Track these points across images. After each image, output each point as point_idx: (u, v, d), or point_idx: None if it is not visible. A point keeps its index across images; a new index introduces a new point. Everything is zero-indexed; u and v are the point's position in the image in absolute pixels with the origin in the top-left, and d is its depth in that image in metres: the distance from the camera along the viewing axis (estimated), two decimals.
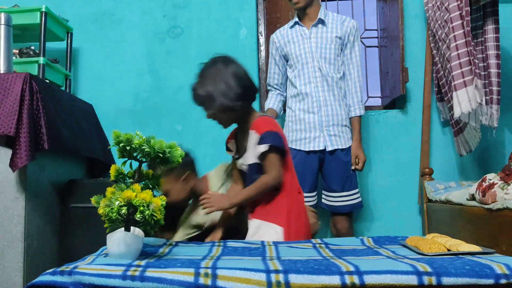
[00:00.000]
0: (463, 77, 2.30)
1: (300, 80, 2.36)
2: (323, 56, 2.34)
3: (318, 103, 2.32)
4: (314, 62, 2.34)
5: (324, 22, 2.38)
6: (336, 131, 2.32)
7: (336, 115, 2.33)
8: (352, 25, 2.39)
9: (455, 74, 2.32)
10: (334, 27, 2.37)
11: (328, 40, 2.35)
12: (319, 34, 2.37)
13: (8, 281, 2.00)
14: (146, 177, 1.25)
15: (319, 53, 2.34)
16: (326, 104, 2.32)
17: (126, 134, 1.17)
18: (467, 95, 2.29)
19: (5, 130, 1.97)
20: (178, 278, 0.96)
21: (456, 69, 2.32)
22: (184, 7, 3.03)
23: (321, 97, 2.33)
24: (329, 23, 2.38)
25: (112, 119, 2.96)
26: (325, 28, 2.38)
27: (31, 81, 2.06)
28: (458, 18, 2.33)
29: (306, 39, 2.38)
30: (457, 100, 2.32)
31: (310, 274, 0.97)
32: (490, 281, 0.96)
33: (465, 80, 2.30)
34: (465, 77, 2.30)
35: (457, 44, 2.33)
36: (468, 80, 2.29)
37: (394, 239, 1.49)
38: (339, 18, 2.41)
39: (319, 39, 2.36)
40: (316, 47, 2.35)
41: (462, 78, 2.31)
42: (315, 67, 2.34)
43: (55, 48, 2.95)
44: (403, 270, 0.98)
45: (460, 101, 2.31)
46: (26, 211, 2.06)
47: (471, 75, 2.29)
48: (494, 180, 1.75)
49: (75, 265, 1.03)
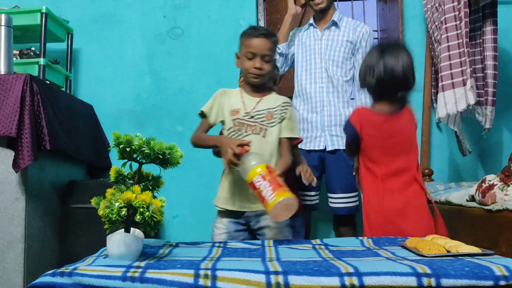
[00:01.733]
0: (452, 79, 2.31)
1: (306, 80, 2.38)
2: (331, 58, 2.35)
3: (322, 103, 2.33)
4: (322, 63, 2.36)
5: (338, 25, 2.39)
6: (338, 131, 2.31)
7: (339, 116, 2.33)
8: (365, 30, 2.39)
9: (444, 75, 2.33)
10: (347, 31, 2.38)
11: (339, 43, 2.36)
12: (331, 36, 2.38)
13: (8, 282, 2.01)
14: (146, 178, 1.25)
15: (328, 55, 2.36)
16: (329, 104, 2.32)
17: (126, 135, 1.17)
18: (454, 96, 2.29)
19: (6, 131, 1.97)
20: (178, 279, 0.96)
21: (446, 70, 2.33)
22: (184, 8, 3.04)
23: (325, 97, 2.33)
24: (342, 27, 2.39)
25: (112, 120, 2.96)
26: (338, 31, 2.39)
27: (32, 82, 2.07)
28: (453, 20, 2.33)
29: (318, 40, 2.40)
30: (443, 101, 2.33)
31: (310, 275, 0.97)
32: (489, 282, 0.96)
33: (453, 81, 2.30)
34: (454, 78, 2.30)
35: (449, 45, 2.34)
36: (457, 82, 2.29)
37: (393, 240, 1.49)
38: (352, 22, 2.42)
39: (330, 42, 2.38)
40: (326, 49, 2.37)
41: (450, 80, 2.31)
42: (322, 68, 2.35)
43: (56, 49, 2.95)
44: (403, 272, 0.98)
45: (446, 102, 2.32)
46: (26, 212, 2.06)
47: (460, 77, 2.28)
48: (493, 181, 1.75)
49: (75, 266, 1.03)
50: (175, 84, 2.99)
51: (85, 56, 3.07)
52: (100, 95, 3.00)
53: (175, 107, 2.97)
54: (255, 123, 1.74)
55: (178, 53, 3.01)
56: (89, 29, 3.07)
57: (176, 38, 3.03)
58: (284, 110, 1.77)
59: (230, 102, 1.78)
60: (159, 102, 2.99)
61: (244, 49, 1.75)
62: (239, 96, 1.79)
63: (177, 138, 2.90)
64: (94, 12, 3.08)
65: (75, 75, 3.05)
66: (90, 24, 3.07)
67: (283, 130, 1.75)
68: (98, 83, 3.04)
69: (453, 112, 2.30)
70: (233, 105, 1.77)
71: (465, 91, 2.25)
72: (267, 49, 1.72)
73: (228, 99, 1.79)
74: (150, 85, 3.01)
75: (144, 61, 3.03)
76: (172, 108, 2.97)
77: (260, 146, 1.70)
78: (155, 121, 2.98)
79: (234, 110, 1.76)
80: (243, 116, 1.74)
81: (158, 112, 2.98)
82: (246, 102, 1.77)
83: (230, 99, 1.79)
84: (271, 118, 1.75)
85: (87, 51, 3.07)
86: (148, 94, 3.01)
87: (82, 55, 3.07)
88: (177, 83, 2.99)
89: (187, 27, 3.02)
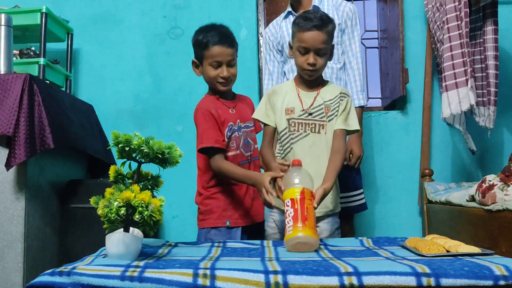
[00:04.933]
0: (455, 79, 2.30)
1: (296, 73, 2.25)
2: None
3: None
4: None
5: (319, 9, 2.15)
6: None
7: None
8: (348, 8, 2.19)
9: (447, 75, 2.33)
10: (331, 14, 2.13)
11: None
12: None
13: (7, 282, 2.01)
14: (145, 178, 1.25)
15: None
16: None
17: (125, 135, 1.17)
18: (457, 96, 2.29)
19: (4, 130, 1.97)
20: (177, 279, 0.96)
21: (449, 70, 2.33)
22: (184, 8, 3.04)
23: None
24: (324, 10, 2.14)
25: (112, 119, 2.96)
26: None
27: (31, 81, 2.07)
28: (454, 19, 2.33)
29: None
30: (447, 101, 2.32)
31: (309, 275, 0.97)
32: (489, 282, 0.96)
33: (457, 81, 2.30)
34: (457, 78, 2.30)
35: (452, 45, 2.33)
36: (460, 82, 2.29)
37: (393, 240, 1.49)
38: (334, 2, 2.21)
39: None
40: None
41: (454, 80, 2.31)
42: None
43: (56, 49, 2.95)
44: (402, 271, 0.98)
45: (450, 102, 2.31)
46: (26, 212, 2.06)
47: (463, 77, 2.28)
48: (494, 181, 1.75)
49: (73, 266, 1.03)
50: (175, 84, 2.99)
51: (85, 56, 3.07)
52: (100, 95, 3.00)
53: (175, 107, 2.97)
54: (314, 121, 1.63)
55: (178, 53, 3.01)
56: (89, 29, 3.07)
57: (176, 38, 3.03)
58: (340, 102, 1.65)
59: (283, 101, 1.67)
60: (159, 102, 2.99)
61: (295, 43, 1.62)
62: (294, 92, 1.67)
63: (177, 138, 2.90)
64: (94, 12, 3.08)
65: (75, 75, 3.05)
66: (90, 24, 3.07)
67: (337, 122, 1.64)
68: (98, 83, 3.04)
69: (457, 112, 2.30)
70: (287, 103, 1.66)
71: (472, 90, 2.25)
72: (321, 43, 1.58)
73: (280, 98, 1.67)
74: (150, 85, 3.01)
75: (144, 61, 3.03)
76: (172, 108, 2.97)
77: (319, 145, 1.62)
78: (155, 121, 2.97)
79: (288, 109, 1.65)
80: (300, 115, 1.64)
81: (158, 112, 2.98)
82: (303, 99, 1.65)
83: (282, 97, 1.67)
84: (328, 112, 1.64)
85: (87, 51, 3.07)
86: (148, 94, 3.01)
87: (82, 55, 3.07)
88: (177, 83, 2.99)
89: (187, 27, 3.02)
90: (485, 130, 2.59)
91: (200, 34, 1.74)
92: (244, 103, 1.90)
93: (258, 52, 2.99)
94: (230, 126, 1.76)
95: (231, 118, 1.78)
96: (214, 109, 1.75)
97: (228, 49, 1.70)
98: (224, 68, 1.69)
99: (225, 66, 1.70)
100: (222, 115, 1.75)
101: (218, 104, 1.78)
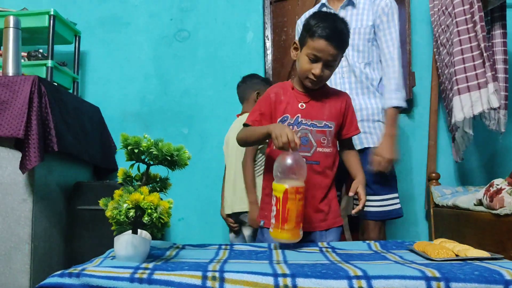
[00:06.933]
0: (467, 82, 2.29)
1: None
2: (350, 43, 1.81)
3: None
4: None
5: (354, 3, 2.07)
6: (366, 127, 2.02)
7: (365, 110, 2.03)
8: (384, 3, 2.04)
9: (459, 78, 2.31)
10: (366, 9, 2.05)
11: (358, 24, 2.04)
12: (347, 17, 2.04)
13: (14, 283, 2.01)
14: (154, 180, 1.26)
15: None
16: (353, 97, 1.91)
17: (134, 137, 1.17)
18: (470, 100, 2.28)
19: (13, 132, 1.98)
20: (186, 281, 0.96)
21: (460, 74, 2.31)
22: (191, 11, 3.05)
23: (347, 89, 2.02)
24: (359, 4, 2.06)
25: (118, 122, 2.97)
26: (355, 10, 2.06)
27: (40, 83, 2.08)
28: (464, 23, 2.32)
29: None
30: (460, 104, 2.30)
31: (318, 278, 0.97)
32: (499, 287, 0.95)
33: (469, 85, 2.29)
34: (469, 82, 2.29)
35: (462, 49, 2.32)
36: (472, 85, 2.27)
37: (401, 244, 1.48)
38: None
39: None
40: None
41: (466, 83, 2.29)
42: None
43: (63, 51, 2.97)
44: (412, 275, 0.97)
45: (463, 106, 2.30)
46: (33, 213, 2.07)
47: (475, 81, 2.27)
48: (501, 185, 1.74)
49: (83, 267, 1.03)
50: (181, 86, 3.00)
51: (92, 58, 3.09)
52: (107, 97, 3.01)
53: (181, 109, 2.98)
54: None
55: (185, 55, 3.02)
56: (97, 32, 3.08)
57: (182, 40, 3.04)
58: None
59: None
60: (165, 104, 3.00)
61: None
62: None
63: (183, 140, 2.91)
64: (102, 15, 3.10)
65: (82, 77, 3.06)
66: (98, 26, 3.09)
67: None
68: (104, 85, 3.06)
69: (469, 116, 2.28)
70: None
71: (487, 94, 2.22)
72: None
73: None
74: (156, 88, 3.02)
75: (151, 64, 3.04)
76: (178, 110, 2.98)
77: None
78: (161, 123, 2.98)
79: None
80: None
81: (164, 114, 2.99)
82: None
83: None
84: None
85: (94, 53, 3.09)
86: (154, 96, 3.01)
87: (89, 57, 3.09)
88: (184, 85, 3.00)
89: (194, 29, 3.03)
90: (492, 135, 2.58)
91: (314, 19, 1.56)
92: (330, 100, 1.67)
93: (264, 55, 3.00)
94: (285, 117, 1.61)
95: (292, 110, 1.62)
96: (276, 94, 1.63)
97: (333, 49, 1.52)
98: (319, 65, 1.53)
99: (321, 64, 1.53)
100: (284, 103, 1.62)
101: (288, 92, 1.64)
